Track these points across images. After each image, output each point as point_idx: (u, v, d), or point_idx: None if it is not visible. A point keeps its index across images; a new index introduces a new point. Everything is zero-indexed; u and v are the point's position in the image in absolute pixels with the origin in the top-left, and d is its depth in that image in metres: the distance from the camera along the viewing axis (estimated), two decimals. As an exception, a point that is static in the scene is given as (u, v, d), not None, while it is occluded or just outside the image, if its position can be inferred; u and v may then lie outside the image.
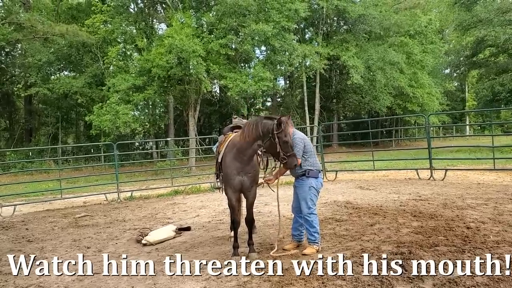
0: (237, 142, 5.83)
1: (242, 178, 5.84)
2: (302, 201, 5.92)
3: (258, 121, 5.67)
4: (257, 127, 5.58)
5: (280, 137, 5.45)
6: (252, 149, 5.73)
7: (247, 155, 5.77)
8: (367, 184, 12.61)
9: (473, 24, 31.16)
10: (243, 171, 5.84)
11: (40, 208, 12.68)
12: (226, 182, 6.02)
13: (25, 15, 28.86)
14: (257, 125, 5.59)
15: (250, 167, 5.91)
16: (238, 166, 5.80)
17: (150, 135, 36.56)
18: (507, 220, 6.75)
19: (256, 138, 5.59)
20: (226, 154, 5.98)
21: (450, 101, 48.14)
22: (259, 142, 5.61)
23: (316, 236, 5.88)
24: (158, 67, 24.05)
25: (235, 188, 5.91)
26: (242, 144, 5.72)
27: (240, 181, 5.85)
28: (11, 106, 39.75)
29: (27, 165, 26.97)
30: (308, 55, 29.78)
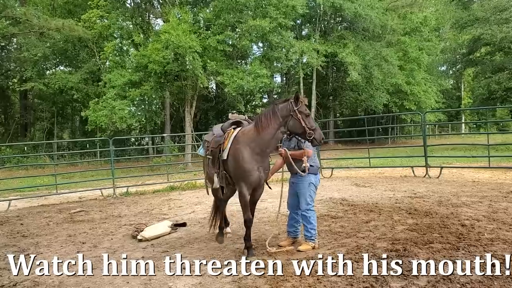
0: (255, 135, 5.61)
1: (261, 174, 5.69)
2: (301, 197, 5.91)
3: (272, 108, 5.59)
4: (275, 113, 5.50)
5: (302, 111, 5.44)
6: (275, 139, 5.63)
7: (270, 146, 5.69)
8: (362, 182, 12.64)
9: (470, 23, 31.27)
10: (262, 166, 5.69)
11: (35, 203, 12.63)
12: (243, 178, 5.64)
13: (21, 9, 28.66)
14: (275, 112, 5.51)
15: (268, 161, 5.84)
16: (258, 161, 5.62)
17: (146, 131, 36.49)
18: (502, 218, 6.78)
19: (279, 125, 5.51)
20: (240, 150, 5.64)
21: (446, 99, 48.23)
22: (282, 129, 5.54)
23: (312, 232, 5.88)
24: (155, 63, 23.98)
25: (252, 184, 5.69)
26: (263, 136, 5.53)
27: (258, 177, 5.67)
28: (6, 100, 39.60)
29: (22, 160, 26.89)
30: (306, 51, 29.75)
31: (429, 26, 37.27)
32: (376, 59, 31.24)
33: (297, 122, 5.43)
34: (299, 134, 5.57)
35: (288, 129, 5.57)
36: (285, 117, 5.49)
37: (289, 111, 5.47)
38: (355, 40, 32.89)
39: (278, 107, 5.55)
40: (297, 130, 5.51)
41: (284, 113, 5.49)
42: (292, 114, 5.44)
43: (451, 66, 46.63)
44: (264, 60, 28.79)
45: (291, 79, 40.56)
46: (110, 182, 14.29)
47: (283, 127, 5.53)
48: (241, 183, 5.69)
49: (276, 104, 5.65)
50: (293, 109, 5.44)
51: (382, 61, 31.45)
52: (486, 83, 32.72)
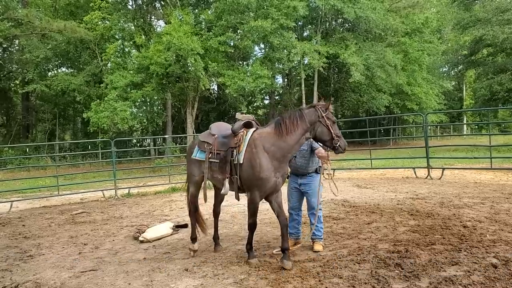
0: (275, 139, 5.28)
1: (278, 179, 5.34)
2: (312, 198, 5.92)
3: (299, 113, 5.35)
4: (302, 118, 5.27)
5: (329, 117, 5.29)
6: (299, 145, 5.36)
7: (293, 152, 5.41)
8: (364, 183, 12.63)
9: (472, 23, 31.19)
10: (280, 171, 5.33)
11: (37, 205, 12.64)
12: (259, 186, 5.24)
13: (23, 11, 28.73)
14: (302, 116, 5.28)
15: (286, 167, 5.55)
16: (276, 167, 5.26)
17: (148, 132, 36.54)
18: (504, 219, 6.77)
19: (305, 131, 5.27)
20: (258, 154, 5.25)
21: (447, 100, 48.21)
22: (307, 134, 5.30)
23: (322, 231, 5.96)
24: (157, 65, 24.03)
25: (266, 192, 5.34)
26: (286, 140, 5.23)
27: (275, 183, 5.31)
28: (8, 102, 39.64)
29: (24, 162, 26.92)
30: (307, 53, 29.74)
31: (430, 27, 37.24)
32: (379, 60, 31.19)
33: (326, 129, 5.28)
34: (325, 141, 5.40)
35: (315, 135, 5.37)
36: (313, 123, 5.29)
37: (317, 117, 5.28)
38: (357, 41, 32.88)
39: (305, 112, 5.33)
40: (324, 137, 5.33)
41: (313, 119, 5.29)
42: (321, 121, 5.27)
43: (452, 67, 46.56)
44: (266, 62, 28.81)
45: (292, 80, 40.59)
46: (112, 184, 14.31)
47: (309, 132, 5.31)
48: (255, 190, 5.30)
49: (302, 109, 5.45)
50: (321, 115, 5.27)
51: (384, 64, 31.42)
52: (488, 84, 32.64)
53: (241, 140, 5.48)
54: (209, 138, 5.87)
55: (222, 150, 5.61)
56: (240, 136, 5.52)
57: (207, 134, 5.99)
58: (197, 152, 6.00)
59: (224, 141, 5.67)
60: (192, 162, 6.08)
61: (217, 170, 5.65)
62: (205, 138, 5.94)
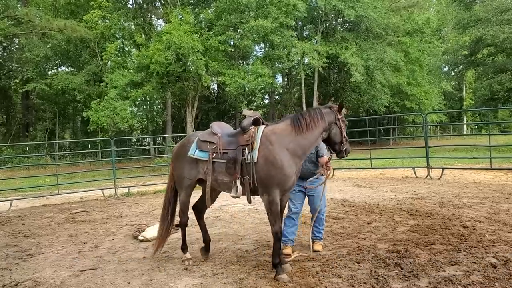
0: (294, 135, 5.05)
1: (294, 178, 5.11)
2: (318, 200, 5.81)
3: (320, 111, 5.24)
4: (323, 117, 5.16)
5: (344, 120, 5.30)
6: (316, 143, 5.23)
7: (311, 149, 5.31)
8: (364, 182, 12.63)
9: (472, 23, 31.21)
10: (296, 169, 5.12)
11: (36, 203, 12.65)
12: (280, 184, 4.93)
13: (23, 10, 28.73)
14: (322, 116, 5.17)
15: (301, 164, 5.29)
16: (297, 164, 5.08)
17: (147, 132, 36.55)
18: (503, 219, 6.77)
19: (324, 130, 5.17)
20: (276, 151, 4.96)
21: (447, 100, 48.26)
22: (324, 134, 5.20)
23: (322, 233, 5.94)
24: (157, 64, 24.02)
25: (287, 190, 5.13)
26: (307, 137, 5.05)
27: (294, 181, 5.13)
28: (8, 101, 39.66)
29: (24, 160, 26.92)
30: (307, 52, 29.74)
31: (431, 27, 37.23)
32: (378, 62, 31.20)
33: (339, 131, 5.26)
34: (336, 143, 5.32)
35: (329, 136, 5.28)
36: (330, 123, 5.22)
37: (334, 118, 5.24)
38: (357, 41, 32.87)
39: (324, 111, 5.24)
40: (336, 138, 5.28)
41: (331, 119, 5.22)
42: (337, 122, 5.25)
43: (452, 68, 46.60)
44: (266, 61, 28.81)
45: (292, 80, 40.62)
46: (112, 183, 14.31)
47: (326, 132, 5.22)
48: (275, 189, 4.92)
49: (321, 108, 5.35)
50: (337, 117, 5.25)
51: (385, 66, 31.42)
52: (488, 84, 32.69)
53: (253, 137, 5.10)
54: (212, 137, 5.32)
55: (230, 149, 5.14)
56: (251, 133, 5.14)
57: (208, 133, 5.44)
58: (195, 150, 5.36)
59: (231, 139, 5.26)
60: (186, 162, 5.43)
61: (223, 172, 5.13)
62: (207, 137, 5.36)
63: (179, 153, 5.60)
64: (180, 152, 5.59)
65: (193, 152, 5.37)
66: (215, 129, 5.46)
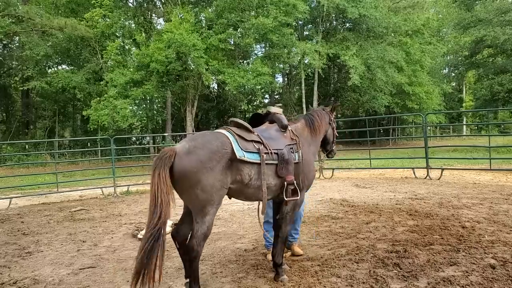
0: (311, 136, 5.06)
1: None
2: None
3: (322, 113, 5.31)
4: (324, 118, 5.26)
5: (334, 121, 5.41)
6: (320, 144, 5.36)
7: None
8: (363, 182, 12.63)
9: (473, 24, 31.23)
10: None
11: (36, 202, 12.65)
12: (310, 185, 4.96)
13: (23, 8, 28.70)
14: (323, 117, 5.26)
15: None
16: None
17: (147, 130, 36.56)
18: (502, 220, 6.78)
19: (326, 131, 5.32)
20: (308, 152, 4.90)
21: (447, 101, 48.28)
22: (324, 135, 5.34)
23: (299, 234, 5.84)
24: (157, 62, 24.02)
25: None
26: (318, 138, 5.21)
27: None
28: (8, 98, 39.64)
29: (23, 158, 26.91)
30: (308, 52, 29.77)
31: (431, 28, 37.23)
32: (379, 60, 31.21)
33: (332, 132, 5.38)
34: (328, 144, 5.45)
35: (325, 137, 5.39)
36: (328, 124, 5.36)
37: (329, 119, 5.36)
38: (358, 40, 32.88)
39: (323, 113, 5.32)
40: (330, 139, 5.41)
41: (328, 120, 5.35)
42: (331, 123, 5.37)
43: (453, 69, 46.61)
44: (266, 60, 28.81)
45: (292, 80, 40.64)
46: (111, 181, 14.31)
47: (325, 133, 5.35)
48: (304, 191, 4.85)
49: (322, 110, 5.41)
50: (331, 118, 5.37)
51: (386, 63, 31.43)
52: (489, 84, 32.75)
53: (295, 136, 4.87)
54: (251, 136, 4.49)
55: (279, 149, 4.57)
56: (291, 132, 4.89)
57: (243, 130, 4.50)
58: (242, 151, 4.26)
59: (274, 138, 4.70)
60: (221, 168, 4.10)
61: (272, 174, 4.48)
62: (245, 135, 4.44)
63: (210, 158, 4.04)
64: (211, 158, 4.04)
65: (242, 154, 4.25)
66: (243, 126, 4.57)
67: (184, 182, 3.99)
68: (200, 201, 4.01)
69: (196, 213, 4.08)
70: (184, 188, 4.05)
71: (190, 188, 3.99)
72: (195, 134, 4.39)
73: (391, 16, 33.00)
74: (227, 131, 4.36)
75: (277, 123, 4.93)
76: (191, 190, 3.99)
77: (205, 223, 4.06)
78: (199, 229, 4.03)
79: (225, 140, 4.20)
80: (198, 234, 4.02)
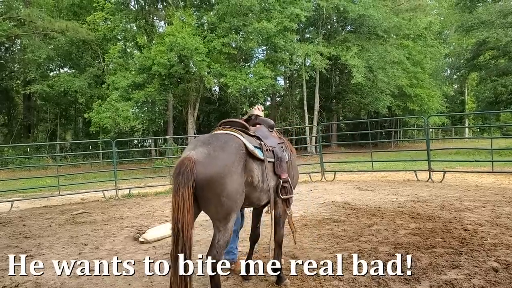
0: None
1: None
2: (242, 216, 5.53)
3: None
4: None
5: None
6: None
7: None
8: (365, 185, 12.61)
9: (475, 26, 31.20)
10: None
11: (37, 205, 12.66)
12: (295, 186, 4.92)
13: (25, 11, 28.79)
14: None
15: None
16: None
17: (149, 133, 36.59)
18: (505, 223, 6.76)
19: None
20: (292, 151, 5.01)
21: (449, 104, 48.25)
22: None
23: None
24: (159, 65, 24.05)
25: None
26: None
27: None
28: (10, 102, 39.70)
29: (25, 161, 26.95)
30: (310, 54, 29.79)
31: (433, 31, 37.23)
32: (380, 61, 31.22)
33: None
34: None
35: None
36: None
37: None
38: (359, 41, 32.90)
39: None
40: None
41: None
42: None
43: (455, 71, 46.56)
44: (268, 63, 28.84)
45: (294, 82, 40.65)
46: (113, 184, 14.33)
47: None
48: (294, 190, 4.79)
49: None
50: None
51: (387, 64, 31.44)
52: (492, 86, 32.71)
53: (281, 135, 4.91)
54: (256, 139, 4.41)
55: (273, 146, 4.53)
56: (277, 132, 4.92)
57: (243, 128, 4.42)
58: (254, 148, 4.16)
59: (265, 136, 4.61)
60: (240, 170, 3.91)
61: (271, 173, 4.39)
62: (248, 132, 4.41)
63: (233, 161, 3.84)
64: (233, 160, 3.84)
65: (257, 152, 4.17)
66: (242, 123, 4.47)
67: (210, 190, 3.68)
68: (226, 208, 3.74)
69: (220, 221, 3.81)
70: (210, 197, 3.72)
71: (216, 196, 3.69)
72: (202, 137, 4.05)
73: (392, 16, 33.02)
74: (232, 131, 4.19)
75: (264, 124, 4.88)
76: (216, 198, 3.70)
77: (228, 230, 3.84)
78: (222, 238, 3.82)
79: (238, 140, 4.04)
80: (220, 243, 3.81)
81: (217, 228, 3.82)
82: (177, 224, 3.58)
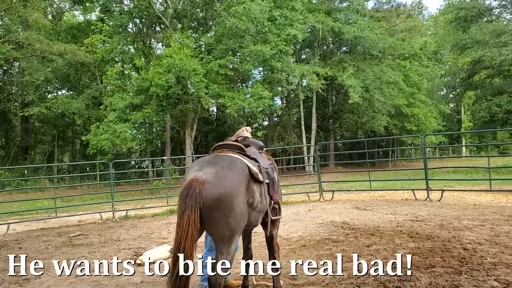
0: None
1: None
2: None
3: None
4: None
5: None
6: None
7: None
8: (363, 205, 12.57)
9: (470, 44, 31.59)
10: None
11: (34, 227, 12.56)
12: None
13: (24, 34, 29.05)
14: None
15: None
16: None
17: (146, 154, 36.57)
18: (504, 242, 6.72)
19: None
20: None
21: (446, 122, 48.45)
22: None
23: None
24: (157, 86, 24.18)
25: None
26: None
27: None
28: (7, 124, 39.75)
29: (22, 183, 26.82)
30: (306, 74, 30.03)
31: (428, 51, 37.63)
32: (376, 81, 31.48)
33: None
34: None
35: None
36: None
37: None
38: (355, 62, 33.22)
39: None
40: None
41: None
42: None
43: (450, 90, 46.91)
44: (265, 84, 29.04)
45: (291, 102, 40.86)
46: (110, 206, 14.24)
47: None
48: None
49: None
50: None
51: (384, 84, 31.69)
52: (487, 105, 32.93)
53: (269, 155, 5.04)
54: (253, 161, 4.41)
55: (266, 167, 4.58)
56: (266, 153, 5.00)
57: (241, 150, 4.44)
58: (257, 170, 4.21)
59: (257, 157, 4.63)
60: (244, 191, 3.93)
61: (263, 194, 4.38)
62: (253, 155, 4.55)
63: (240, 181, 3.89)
64: (240, 180, 3.89)
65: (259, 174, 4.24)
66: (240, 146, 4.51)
67: (218, 210, 3.62)
68: (231, 229, 3.70)
69: (224, 243, 3.72)
70: (217, 217, 3.65)
71: (224, 216, 3.64)
72: (207, 158, 4.05)
73: (387, 37, 33.39)
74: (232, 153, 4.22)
75: (253, 146, 4.87)
76: (224, 218, 3.64)
77: (230, 253, 3.78)
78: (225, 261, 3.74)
79: (242, 161, 4.06)
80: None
81: (220, 251, 3.74)
82: (179, 246, 3.51)
